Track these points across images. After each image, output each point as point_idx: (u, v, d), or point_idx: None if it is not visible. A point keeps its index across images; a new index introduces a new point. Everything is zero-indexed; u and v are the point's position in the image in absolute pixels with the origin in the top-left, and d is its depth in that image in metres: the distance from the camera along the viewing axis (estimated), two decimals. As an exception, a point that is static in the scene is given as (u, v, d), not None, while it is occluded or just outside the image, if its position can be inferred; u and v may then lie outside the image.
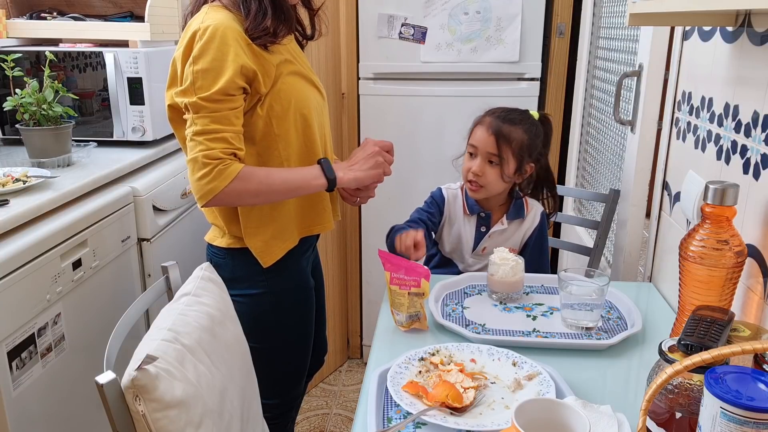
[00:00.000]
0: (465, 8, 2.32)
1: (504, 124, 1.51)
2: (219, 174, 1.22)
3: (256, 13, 1.26)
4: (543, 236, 1.63)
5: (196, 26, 1.25)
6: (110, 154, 1.93)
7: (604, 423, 0.92)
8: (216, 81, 1.22)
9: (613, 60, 2.04)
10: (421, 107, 2.44)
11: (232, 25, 1.25)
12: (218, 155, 1.22)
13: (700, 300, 1.01)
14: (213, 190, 1.23)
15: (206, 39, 1.22)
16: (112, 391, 0.88)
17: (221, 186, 1.22)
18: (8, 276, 1.30)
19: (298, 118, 1.34)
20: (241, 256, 1.38)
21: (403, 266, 1.25)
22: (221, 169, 1.22)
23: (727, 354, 0.70)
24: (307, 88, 1.39)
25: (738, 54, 1.16)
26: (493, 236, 1.59)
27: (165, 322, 1.04)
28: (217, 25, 1.23)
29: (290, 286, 1.45)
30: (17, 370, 1.34)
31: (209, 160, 1.22)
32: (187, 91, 1.25)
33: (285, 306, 1.45)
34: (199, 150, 1.22)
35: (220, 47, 1.22)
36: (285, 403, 1.56)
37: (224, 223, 1.38)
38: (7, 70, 1.72)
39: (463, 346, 1.14)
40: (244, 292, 1.39)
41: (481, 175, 1.52)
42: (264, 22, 1.26)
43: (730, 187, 0.97)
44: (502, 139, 1.50)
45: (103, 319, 1.65)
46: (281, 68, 1.31)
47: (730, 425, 0.68)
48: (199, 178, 1.23)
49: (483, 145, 1.52)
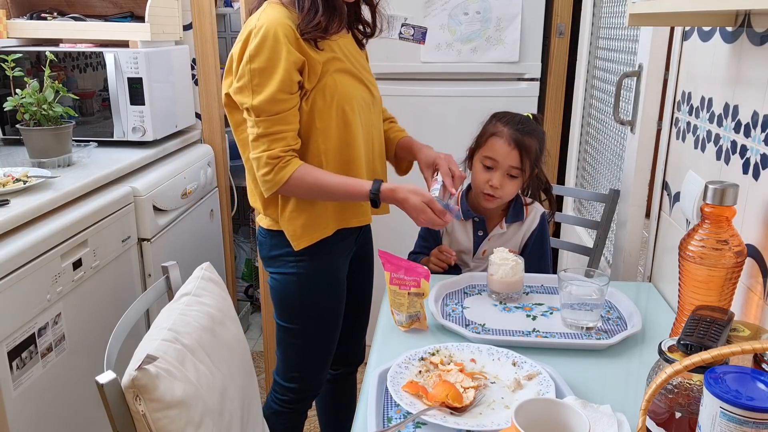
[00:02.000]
0: (465, 8, 2.32)
1: (524, 137, 1.48)
2: (279, 170, 1.35)
3: (308, 10, 1.33)
4: (543, 238, 1.62)
5: (252, 24, 1.33)
6: (110, 154, 1.93)
7: (604, 423, 0.92)
8: (272, 79, 1.31)
9: (613, 60, 2.05)
10: (421, 107, 2.44)
11: (285, 22, 1.31)
12: (278, 154, 1.34)
13: (700, 300, 1.01)
14: (275, 185, 1.36)
15: (260, 38, 1.30)
16: (113, 391, 0.88)
17: (281, 181, 1.35)
18: (8, 276, 1.30)
19: (339, 114, 1.39)
20: (277, 237, 1.47)
21: (403, 266, 1.25)
22: (281, 167, 1.35)
23: (726, 354, 0.70)
24: (354, 85, 1.43)
25: (738, 54, 1.16)
26: (493, 239, 1.58)
27: (165, 322, 1.04)
28: (270, 24, 1.30)
29: (318, 273, 1.49)
30: (17, 370, 1.34)
31: (271, 160, 1.34)
32: (245, 89, 1.33)
33: (311, 291, 1.49)
34: (261, 150, 1.35)
35: (274, 45, 1.30)
36: (302, 389, 1.59)
37: (261, 207, 1.47)
38: (8, 70, 1.72)
39: (463, 346, 1.14)
40: (276, 270, 1.50)
41: (499, 188, 1.50)
42: (315, 19, 1.32)
43: (730, 187, 0.97)
44: (524, 152, 1.48)
45: (103, 319, 1.65)
46: (328, 65, 1.37)
47: (729, 425, 0.68)
48: (264, 175, 1.36)
49: (504, 159, 1.49)
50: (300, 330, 1.52)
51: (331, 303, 1.53)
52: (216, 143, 2.44)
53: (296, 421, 1.64)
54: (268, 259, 1.51)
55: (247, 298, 3.19)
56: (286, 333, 1.53)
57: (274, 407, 1.59)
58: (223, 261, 2.54)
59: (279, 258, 1.48)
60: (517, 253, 1.58)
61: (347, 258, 1.56)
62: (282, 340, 1.55)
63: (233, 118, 1.43)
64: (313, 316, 1.51)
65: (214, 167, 2.42)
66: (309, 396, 1.63)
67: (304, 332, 1.52)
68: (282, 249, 1.47)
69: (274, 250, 1.49)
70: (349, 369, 1.79)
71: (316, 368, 1.58)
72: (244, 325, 2.93)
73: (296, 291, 1.48)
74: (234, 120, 1.43)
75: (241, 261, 3.16)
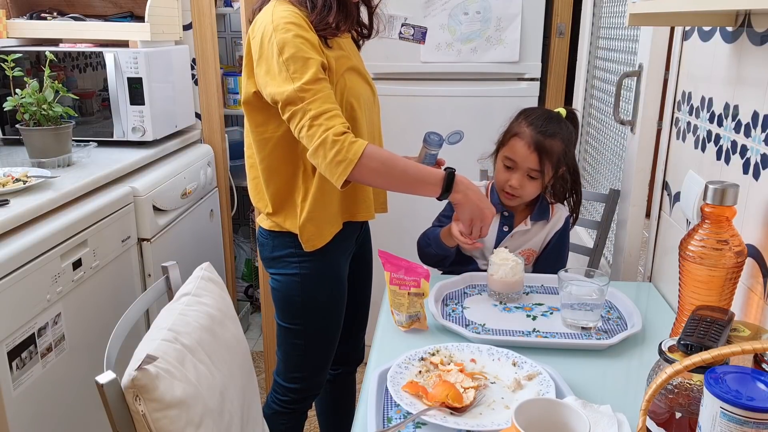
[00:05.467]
0: (465, 8, 2.32)
1: (546, 139, 1.45)
2: (351, 146, 1.24)
3: (321, 8, 1.34)
4: (564, 240, 1.59)
5: (267, 21, 1.30)
6: (110, 154, 1.93)
7: (604, 423, 0.92)
8: (308, 61, 1.27)
9: (613, 60, 2.05)
10: (421, 107, 2.44)
11: (299, 16, 1.32)
12: (343, 130, 1.25)
13: (700, 300, 1.01)
14: (350, 163, 1.23)
15: (283, 30, 1.27)
16: (112, 391, 0.88)
17: (356, 157, 1.23)
18: (8, 276, 1.30)
19: (348, 109, 1.38)
20: (279, 238, 1.46)
21: (403, 266, 1.25)
22: (352, 141, 1.24)
23: (727, 354, 0.70)
24: (360, 83, 1.44)
25: (738, 54, 1.16)
26: (516, 236, 1.57)
27: (165, 322, 1.04)
28: (288, 17, 1.30)
29: (321, 273, 1.48)
30: (17, 370, 1.34)
31: (337, 137, 1.23)
32: (284, 82, 1.26)
33: (313, 291, 1.49)
34: (323, 131, 1.23)
35: (299, 33, 1.28)
36: (303, 390, 1.58)
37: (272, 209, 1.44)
38: (7, 70, 1.72)
39: (463, 346, 1.14)
40: (278, 271, 1.49)
41: (519, 188, 1.49)
42: (328, 17, 1.33)
43: (730, 187, 0.97)
44: (544, 155, 1.46)
45: (103, 319, 1.65)
46: (339, 62, 1.37)
47: (730, 425, 0.68)
48: (335, 155, 1.23)
49: (524, 161, 1.47)
50: (302, 330, 1.52)
51: (333, 303, 1.53)
52: (216, 143, 2.44)
53: (297, 421, 1.64)
54: (270, 260, 1.50)
55: (247, 298, 3.19)
56: (288, 333, 1.53)
57: (274, 407, 1.59)
58: (223, 261, 2.54)
59: (281, 259, 1.48)
60: (537, 254, 1.58)
61: (348, 258, 1.56)
62: (283, 341, 1.55)
63: (254, 118, 1.39)
64: (315, 317, 1.51)
65: (214, 167, 2.42)
66: (310, 396, 1.63)
67: (305, 332, 1.52)
68: (284, 250, 1.46)
69: (276, 250, 1.48)
70: (349, 369, 1.79)
71: (318, 368, 1.58)
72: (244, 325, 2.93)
73: (299, 291, 1.48)
74: (255, 121, 1.39)
75: (241, 261, 3.16)
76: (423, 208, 1.71)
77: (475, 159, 1.66)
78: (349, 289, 1.59)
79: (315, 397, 1.66)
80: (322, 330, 1.54)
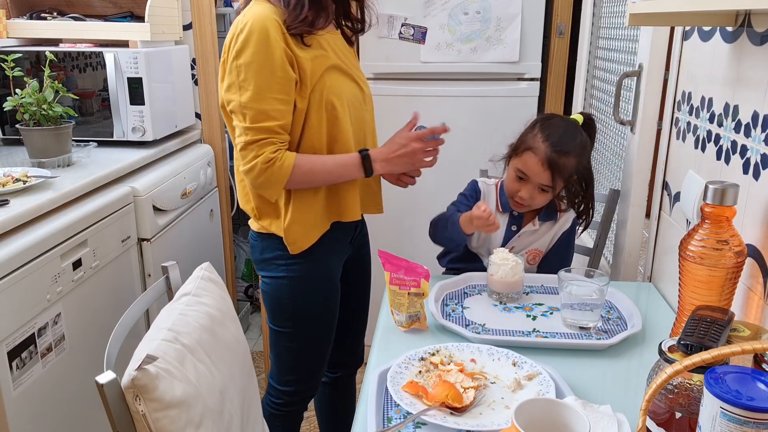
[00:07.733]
0: (465, 8, 2.32)
1: (560, 158, 1.44)
2: (278, 170, 1.33)
3: (294, 6, 1.33)
4: (570, 241, 1.59)
5: (238, 21, 1.32)
6: (110, 154, 1.93)
7: (604, 423, 0.92)
8: (260, 73, 1.28)
9: (613, 60, 2.05)
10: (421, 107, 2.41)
11: (271, 17, 1.30)
12: (270, 156, 1.32)
13: (700, 300, 1.01)
14: (279, 184, 1.35)
15: (246, 33, 1.29)
16: (112, 391, 0.88)
17: (284, 178, 1.34)
18: (8, 276, 1.30)
19: (328, 108, 1.37)
20: (268, 240, 1.46)
21: (402, 266, 1.25)
22: (279, 166, 1.33)
23: (727, 354, 0.70)
24: (344, 81, 1.42)
25: (738, 54, 1.16)
26: (523, 236, 1.57)
27: (165, 322, 1.04)
28: (256, 19, 1.29)
29: (311, 276, 1.47)
30: (17, 370, 1.34)
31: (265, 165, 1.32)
32: (232, 86, 1.31)
33: (303, 294, 1.48)
34: (252, 157, 1.32)
35: (261, 39, 1.28)
36: (298, 392, 1.58)
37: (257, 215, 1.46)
38: (7, 70, 1.72)
39: (463, 346, 1.14)
40: (268, 274, 1.49)
41: (528, 199, 1.49)
42: (302, 13, 1.32)
43: (730, 187, 0.97)
44: (557, 173, 1.45)
45: (103, 319, 1.65)
46: (317, 62, 1.36)
47: (730, 425, 0.68)
48: (265, 180, 1.34)
49: (536, 177, 1.46)
50: (294, 333, 1.51)
51: (324, 305, 1.52)
52: (216, 143, 2.44)
53: (293, 423, 1.63)
54: (260, 263, 1.50)
55: (247, 298, 3.19)
56: (280, 337, 1.52)
57: (269, 410, 1.57)
58: (223, 261, 2.54)
59: (271, 261, 1.47)
60: (543, 254, 1.58)
61: (341, 260, 1.55)
62: (276, 344, 1.54)
63: (231, 123, 1.40)
64: (306, 320, 1.50)
65: (214, 167, 2.42)
66: (305, 399, 1.61)
67: (297, 336, 1.51)
68: (273, 252, 1.45)
69: (265, 252, 1.47)
70: (348, 372, 1.79)
71: (312, 371, 1.56)
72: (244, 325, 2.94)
73: (288, 294, 1.47)
74: (231, 125, 1.40)
75: (241, 261, 3.16)
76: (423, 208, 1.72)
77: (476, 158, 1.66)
78: (345, 295, 1.57)
79: (310, 399, 1.64)
80: (314, 333, 1.52)
